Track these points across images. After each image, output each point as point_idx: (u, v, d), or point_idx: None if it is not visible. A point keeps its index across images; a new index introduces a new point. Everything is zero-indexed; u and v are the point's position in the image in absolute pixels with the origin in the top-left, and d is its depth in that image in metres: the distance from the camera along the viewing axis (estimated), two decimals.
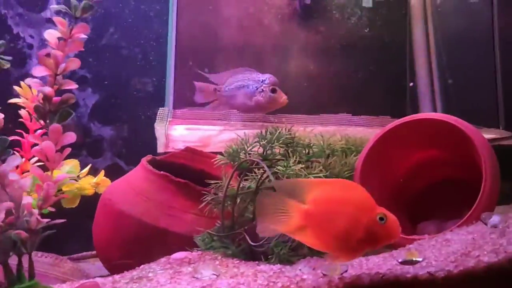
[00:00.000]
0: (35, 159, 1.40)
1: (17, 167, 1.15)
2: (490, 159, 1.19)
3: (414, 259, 1.05)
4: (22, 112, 1.51)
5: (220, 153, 1.46)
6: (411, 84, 1.90)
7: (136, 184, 1.53)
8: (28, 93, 1.48)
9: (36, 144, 1.05)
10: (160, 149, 1.85)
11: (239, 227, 1.43)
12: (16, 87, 1.50)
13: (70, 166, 1.59)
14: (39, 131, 1.24)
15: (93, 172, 1.69)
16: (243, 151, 1.41)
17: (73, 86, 1.08)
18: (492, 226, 1.11)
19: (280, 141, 1.34)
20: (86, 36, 1.06)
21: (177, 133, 1.73)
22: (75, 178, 1.61)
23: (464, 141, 1.25)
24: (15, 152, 1.18)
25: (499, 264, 1.00)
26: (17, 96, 1.51)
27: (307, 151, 1.46)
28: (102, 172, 1.64)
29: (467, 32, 1.88)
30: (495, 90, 1.65)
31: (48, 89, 1.03)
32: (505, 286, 1.01)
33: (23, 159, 1.47)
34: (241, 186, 1.48)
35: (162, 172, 1.52)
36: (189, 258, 1.30)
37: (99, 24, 2.15)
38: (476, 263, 1.00)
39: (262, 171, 1.46)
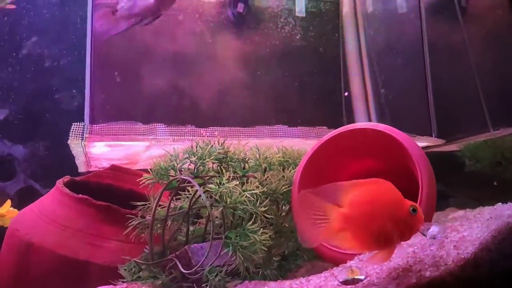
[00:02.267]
0: None
1: None
2: (426, 169, 1.18)
3: (355, 277, 1.00)
4: None
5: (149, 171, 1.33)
6: (346, 93, 1.89)
7: (50, 211, 1.34)
8: None
9: None
10: (82, 168, 1.66)
11: (171, 252, 1.31)
12: None
13: None
14: None
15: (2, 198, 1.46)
16: (173, 169, 1.29)
17: None
18: (431, 237, 1.08)
19: (212, 157, 1.24)
20: None
21: (97, 150, 1.56)
22: None
23: (399, 150, 1.23)
24: None
25: (440, 278, 0.97)
26: None
27: (242, 165, 1.37)
28: (9, 202, 1.42)
29: (398, 42, 1.92)
30: (426, 99, 1.68)
31: None
32: None
33: None
34: (172, 206, 1.37)
35: (80, 195, 1.35)
36: None
37: (9, 30, 1.92)
38: (418, 278, 0.97)
39: (196, 189, 1.35)
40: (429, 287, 0.96)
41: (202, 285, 1.14)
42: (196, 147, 1.27)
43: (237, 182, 1.21)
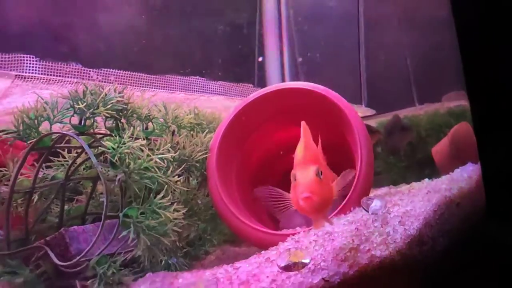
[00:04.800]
0: None
1: None
2: (365, 142, 1.04)
3: (299, 261, 0.81)
4: None
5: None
6: (260, 59, 1.67)
7: None
8: None
9: None
10: None
11: (37, 238, 0.95)
12: None
13: None
14: None
15: None
16: (47, 121, 0.92)
17: None
18: (373, 213, 0.95)
19: (109, 106, 0.90)
20: None
21: None
22: None
23: (337, 116, 1.08)
24: None
25: (390, 257, 0.85)
26: None
27: (145, 125, 1.06)
28: None
29: (330, 8, 1.75)
30: (358, 67, 1.57)
31: None
32: (395, 280, 0.87)
33: None
34: (41, 175, 1.00)
35: None
36: None
37: None
38: (369, 259, 0.83)
39: (76, 152, 1.00)
40: (380, 267, 0.83)
41: (88, 281, 0.82)
42: (85, 92, 0.91)
43: (143, 142, 0.90)
